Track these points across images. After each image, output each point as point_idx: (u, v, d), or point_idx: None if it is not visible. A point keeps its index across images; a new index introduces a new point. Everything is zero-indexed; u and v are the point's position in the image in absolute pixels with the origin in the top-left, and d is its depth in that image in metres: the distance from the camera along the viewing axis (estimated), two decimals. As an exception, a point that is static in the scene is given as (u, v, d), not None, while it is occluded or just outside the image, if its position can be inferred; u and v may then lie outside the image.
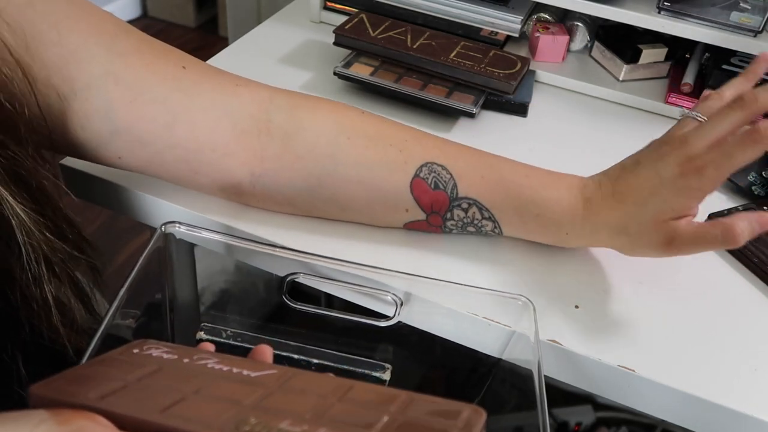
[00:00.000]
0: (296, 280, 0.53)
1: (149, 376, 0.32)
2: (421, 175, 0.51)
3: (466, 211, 0.52)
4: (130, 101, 0.48)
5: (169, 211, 0.57)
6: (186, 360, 0.34)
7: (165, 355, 0.34)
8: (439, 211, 0.53)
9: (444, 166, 0.51)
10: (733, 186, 0.66)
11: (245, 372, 0.32)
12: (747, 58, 0.75)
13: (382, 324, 0.53)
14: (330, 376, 0.32)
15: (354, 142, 0.51)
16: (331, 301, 0.58)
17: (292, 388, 0.31)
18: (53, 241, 0.44)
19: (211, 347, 0.38)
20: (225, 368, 0.33)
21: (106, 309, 0.61)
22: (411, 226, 0.55)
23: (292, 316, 0.56)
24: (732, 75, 0.76)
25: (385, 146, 0.52)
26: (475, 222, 0.53)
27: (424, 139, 0.54)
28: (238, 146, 0.51)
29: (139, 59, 0.48)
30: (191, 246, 0.56)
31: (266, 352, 0.38)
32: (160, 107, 0.48)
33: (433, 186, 0.52)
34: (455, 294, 0.51)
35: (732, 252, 0.59)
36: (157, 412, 0.28)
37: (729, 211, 0.61)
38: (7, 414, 0.27)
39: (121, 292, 0.47)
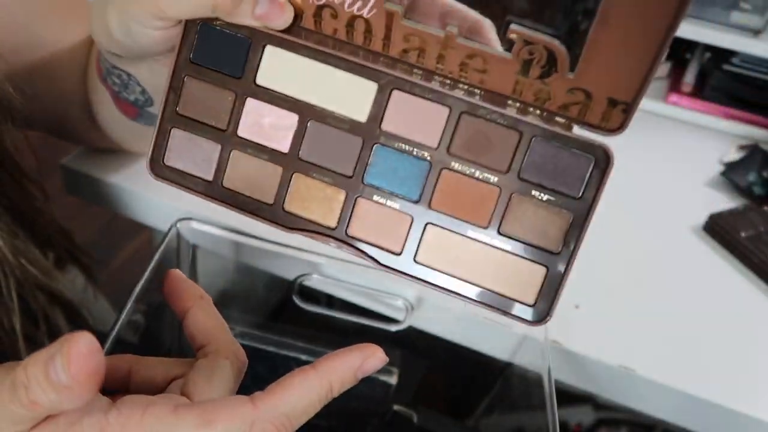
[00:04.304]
0: (305, 283, 0.53)
1: None
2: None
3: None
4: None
5: (169, 212, 0.57)
6: None
7: None
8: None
9: None
10: (733, 186, 0.67)
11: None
12: (747, 58, 0.75)
13: (393, 329, 0.53)
14: None
15: None
16: (332, 301, 0.58)
17: None
18: (35, 262, 0.44)
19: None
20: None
21: (105, 308, 0.62)
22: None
23: (293, 317, 0.56)
24: (732, 75, 0.76)
25: None
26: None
27: None
28: None
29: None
30: (193, 247, 0.57)
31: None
32: None
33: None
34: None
35: (732, 252, 0.59)
36: None
37: (730, 212, 0.61)
38: None
39: (138, 288, 0.47)
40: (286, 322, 0.59)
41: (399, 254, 0.34)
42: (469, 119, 0.33)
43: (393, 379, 0.51)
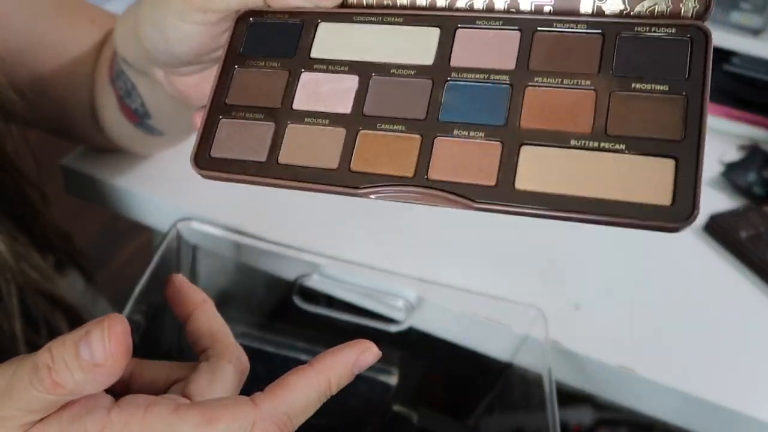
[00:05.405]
0: (305, 283, 0.53)
1: None
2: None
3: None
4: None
5: (169, 212, 0.57)
6: None
7: None
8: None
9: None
10: (734, 186, 0.67)
11: None
12: (747, 59, 0.75)
13: (393, 329, 0.52)
14: None
15: None
16: (332, 302, 0.58)
17: None
18: (36, 266, 0.44)
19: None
20: None
21: (105, 309, 0.62)
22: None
23: (293, 317, 0.56)
24: (732, 75, 0.76)
25: None
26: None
27: None
28: None
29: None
30: (194, 247, 0.57)
31: None
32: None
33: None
34: (466, 300, 0.51)
35: (732, 252, 0.59)
36: None
37: (730, 212, 0.61)
38: None
39: (138, 288, 0.47)
40: (286, 322, 0.59)
41: (494, 186, 0.28)
42: (544, 34, 0.30)
43: (393, 379, 0.51)
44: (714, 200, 0.65)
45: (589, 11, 0.31)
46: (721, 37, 0.72)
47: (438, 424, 0.56)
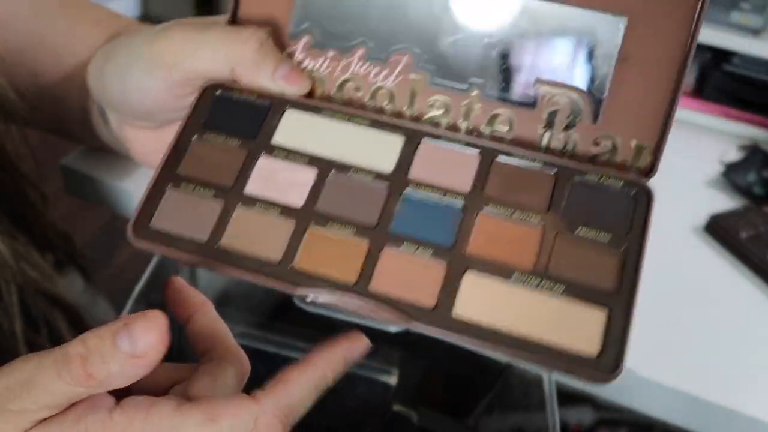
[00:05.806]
0: None
1: None
2: None
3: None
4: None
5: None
6: None
7: None
8: None
9: None
10: (734, 186, 0.67)
11: None
12: (747, 58, 0.75)
13: (393, 329, 0.52)
14: None
15: None
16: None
17: None
18: (35, 266, 0.44)
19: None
20: None
21: (105, 309, 0.62)
22: None
23: (293, 317, 0.56)
24: (732, 75, 0.76)
25: None
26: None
27: None
28: None
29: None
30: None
31: None
32: None
33: None
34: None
35: (732, 252, 0.59)
36: None
37: (730, 213, 0.61)
38: None
39: (138, 288, 0.47)
40: (286, 322, 0.59)
41: (433, 309, 0.29)
42: (502, 163, 0.32)
43: (393, 380, 0.51)
44: (714, 200, 0.65)
45: (544, 144, 0.33)
46: (721, 37, 0.72)
47: (438, 424, 0.56)
